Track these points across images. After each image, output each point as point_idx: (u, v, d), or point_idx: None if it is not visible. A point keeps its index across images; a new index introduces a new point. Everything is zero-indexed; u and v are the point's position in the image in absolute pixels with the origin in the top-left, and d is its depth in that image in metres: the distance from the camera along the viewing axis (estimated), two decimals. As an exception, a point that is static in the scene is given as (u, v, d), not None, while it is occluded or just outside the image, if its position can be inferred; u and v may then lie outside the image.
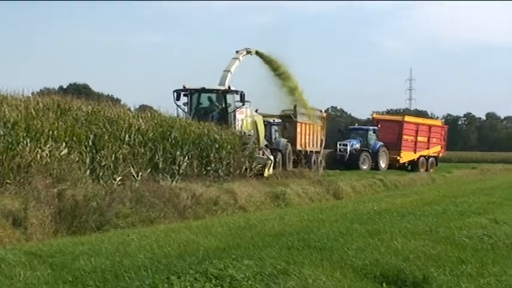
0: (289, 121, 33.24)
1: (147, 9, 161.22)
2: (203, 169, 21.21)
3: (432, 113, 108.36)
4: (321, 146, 37.09)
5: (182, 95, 27.14)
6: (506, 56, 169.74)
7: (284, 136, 32.09)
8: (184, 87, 27.15)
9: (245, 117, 27.20)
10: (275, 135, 31.47)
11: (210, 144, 21.78)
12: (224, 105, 27.03)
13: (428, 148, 47.27)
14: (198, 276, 6.97)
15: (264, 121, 29.33)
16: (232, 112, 26.65)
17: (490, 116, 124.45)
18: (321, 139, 37.01)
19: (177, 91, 27.04)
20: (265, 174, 24.88)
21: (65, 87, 72.33)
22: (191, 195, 16.82)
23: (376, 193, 26.96)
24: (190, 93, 27.33)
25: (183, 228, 11.48)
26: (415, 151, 46.28)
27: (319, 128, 36.81)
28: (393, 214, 13.70)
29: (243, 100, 26.40)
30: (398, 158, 44.92)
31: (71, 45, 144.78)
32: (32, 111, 15.70)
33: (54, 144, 15.21)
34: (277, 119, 32.61)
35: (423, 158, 46.74)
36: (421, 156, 46.58)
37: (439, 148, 48.68)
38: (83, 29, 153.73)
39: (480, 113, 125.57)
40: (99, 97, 39.94)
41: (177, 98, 26.97)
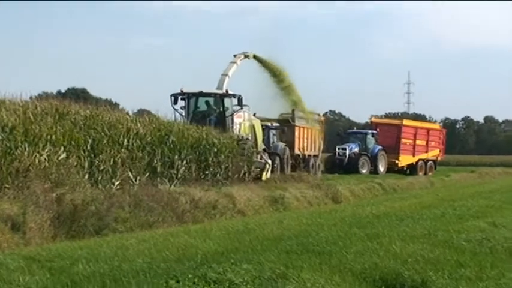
0: (287, 125, 33.29)
1: (145, 13, 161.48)
2: (201, 173, 21.21)
3: (430, 116, 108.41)
4: (319, 149, 37.12)
5: (180, 99, 27.02)
6: (504, 59, 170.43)
7: (282, 140, 32.10)
8: (181, 91, 27.02)
9: (243, 121, 27.16)
10: (273, 139, 31.48)
11: (208, 148, 21.77)
12: (222, 109, 26.95)
13: (427, 152, 47.32)
14: (197, 281, 6.97)
15: (262, 125, 29.34)
16: (230, 116, 26.60)
17: (488, 119, 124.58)
18: (319, 143, 37.04)
19: (174, 95, 26.90)
20: (263, 178, 24.89)
21: (63, 91, 72.46)
22: (190, 200, 16.80)
23: (374, 197, 26.93)
24: (188, 97, 27.23)
25: (181, 232, 11.47)
26: (414, 155, 46.32)
27: (318, 132, 36.84)
28: (392, 218, 13.70)
29: (240, 104, 26.34)
30: (397, 161, 44.97)
31: (69, 50, 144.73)
32: (30, 115, 15.68)
33: (52, 149, 15.19)
34: (275, 123, 32.64)
35: (422, 161, 46.78)
36: (419, 159, 46.63)
37: (437, 152, 48.72)
38: (81, 33, 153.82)
39: (478, 117, 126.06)
40: (98, 101, 39.91)
41: (175, 101, 26.83)
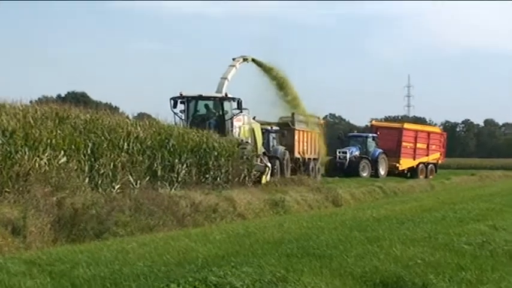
0: (287, 129, 33.25)
1: (145, 18, 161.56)
2: (202, 177, 21.20)
3: (430, 119, 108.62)
4: (319, 153, 37.10)
5: (179, 103, 26.94)
6: (504, 62, 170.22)
7: (282, 143, 32.07)
8: (181, 94, 26.95)
9: (242, 125, 27.13)
10: (273, 143, 31.45)
11: (208, 152, 21.77)
12: (221, 112, 26.90)
13: (427, 155, 47.30)
14: (198, 284, 6.97)
15: (261, 128, 29.32)
16: (230, 119, 26.54)
17: (489, 122, 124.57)
18: (319, 146, 37.02)
19: (174, 98, 26.82)
20: (263, 181, 24.87)
21: (63, 95, 72.44)
22: (190, 203, 16.81)
23: (375, 200, 26.94)
24: (187, 101, 27.14)
25: (182, 236, 11.47)
26: (415, 158, 46.31)
27: (317, 135, 36.84)
28: (392, 221, 13.70)
29: (240, 107, 26.28)
30: (398, 165, 44.97)
31: (69, 54, 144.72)
32: (30, 119, 15.68)
33: (52, 153, 15.19)
34: (275, 127, 32.62)
35: (422, 164, 46.76)
36: (420, 163, 46.60)
37: (438, 155, 48.70)
38: (81, 37, 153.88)
39: (478, 120, 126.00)
40: (98, 105, 39.89)
41: (174, 105, 26.75)
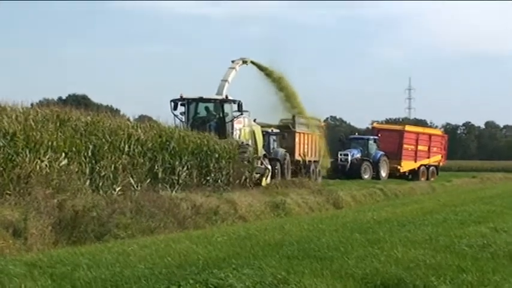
0: (288, 131, 33.29)
1: (146, 20, 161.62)
2: (203, 179, 21.22)
3: (431, 121, 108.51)
4: (320, 155, 37.10)
5: (179, 105, 26.94)
6: (505, 64, 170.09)
7: (283, 146, 32.09)
8: (181, 96, 26.94)
9: (243, 127, 27.11)
10: (273, 145, 31.46)
11: (209, 154, 21.78)
12: (221, 114, 26.90)
13: (428, 157, 47.31)
14: (198, 286, 6.97)
15: (262, 131, 29.32)
16: (230, 122, 26.55)
17: (489, 124, 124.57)
18: (320, 148, 37.02)
19: (174, 101, 26.83)
20: (263, 183, 24.86)
21: (64, 98, 72.52)
22: (191, 205, 16.81)
23: (376, 202, 26.93)
24: (188, 103, 27.13)
25: (183, 238, 11.47)
26: (416, 160, 46.32)
27: (318, 137, 36.84)
28: (393, 223, 13.69)
29: (240, 110, 26.29)
30: (399, 167, 44.98)
31: (71, 56, 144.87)
32: (31, 122, 15.67)
33: (53, 155, 15.20)
34: (276, 129, 32.63)
35: (424, 167, 46.77)
36: (421, 165, 46.61)
37: (439, 157, 48.70)
38: (82, 40, 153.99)
39: (479, 122, 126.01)
40: (99, 108, 39.98)
41: (174, 107, 26.76)
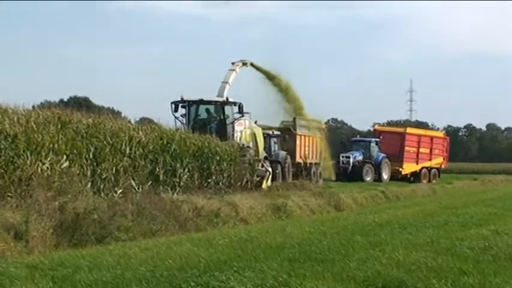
0: (289, 133, 33.27)
1: (147, 22, 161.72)
2: (204, 181, 21.22)
3: (433, 124, 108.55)
4: (321, 157, 37.08)
5: (180, 107, 26.91)
6: (506, 65, 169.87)
7: (283, 148, 32.06)
8: (182, 98, 26.90)
9: (244, 129, 27.11)
10: (274, 148, 31.43)
11: (210, 157, 21.78)
12: (222, 116, 26.90)
13: (430, 159, 47.30)
14: (200, 289, 6.97)
15: (263, 133, 29.29)
16: (231, 124, 26.54)
17: (491, 127, 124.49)
18: (321, 151, 37.01)
19: (174, 103, 26.79)
20: (264, 186, 24.78)
21: (65, 100, 72.49)
22: (192, 208, 16.82)
23: (377, 205, 26.92)
24: (188, 105, 27.13)
25: (184, 240, 11.46)
26: (417, 162, 46.32)
27: (319, 139, 36.83)
28: (395, 226, 13.67)
29: (241, 112, 26.28)
30: (401, 169, 44.99)
31: (72, 58, 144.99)
32: (32, 124, 15.68)
33: (55, 157, 15.21)
34: (276, 131, 32.61)
35: (425, 169, 46.77)
36: (423, 167, 46.60)
37: (441, 160, 48.68)
38: (83, 42, 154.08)
39: (480, 124, 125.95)
40: (100, 110, 40.02)
41: (175, 109, 26.74)
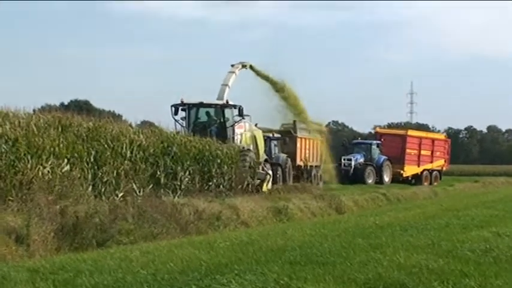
0: (289, 136, 33.22)
1: (147, 22, 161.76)
2: (205, 184, 21.20)
3: (433, 126, 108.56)
4: (321, 160, 37.05)
5: (180, 110, 26.89)
6: (507, 67, 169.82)
7: (284, 151, 32.01)
8: (182, 101, 26.89)
9: (244, 132, 27.07)
10: (275, 150, 31.39)
11: (211, 160, 21.76)
12: (222, 119, 26.88)
13: (431, 162, 47.24)
14: (201, 292, 6.96)
15: (263, 136, 29.25)
16: (231, 126, 26.53)
17: (491, 129, 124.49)
18: (322, 153, 36.97)
19: (175, 106, 26.77)
20: (264, 189, 24.73)
21: (66, 103, 72.48)
22: (193, 211, 16.80)
23: (378, 207, 26.90)
24: (188, 108, 27.09)
25: (185, 243, 11.46)
26: (419, 165, 46.25)
27: (320, 142, 36.79)
28: (396, 228, 13.67)
29: (241, 114, 26.26)
30: (402, 171, 44.94)
31: (72, 59, 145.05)
32: (33, 128, 15.69)
33: (55, 161, 15.21)
34: (277, 134, 32.58)
35: (427, 171, 46.71)
36: (424, 170, 46.55)
37: (442, 162, 48.62)
38: (83, 42, 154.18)
39: (481, 126, 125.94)
40: (100, 113, 39.91)
41: (175, 112, 26.71)
